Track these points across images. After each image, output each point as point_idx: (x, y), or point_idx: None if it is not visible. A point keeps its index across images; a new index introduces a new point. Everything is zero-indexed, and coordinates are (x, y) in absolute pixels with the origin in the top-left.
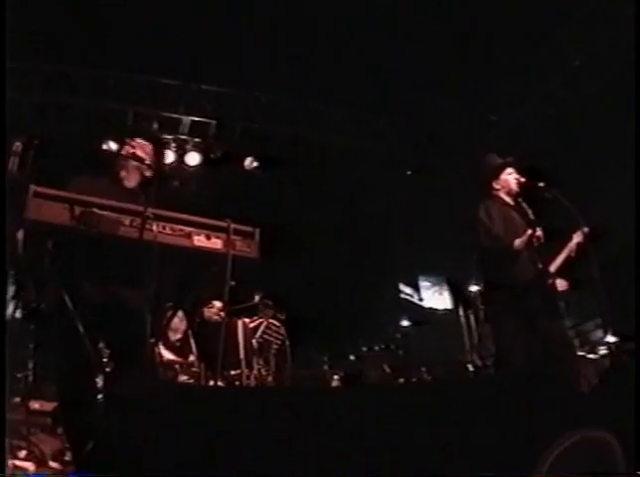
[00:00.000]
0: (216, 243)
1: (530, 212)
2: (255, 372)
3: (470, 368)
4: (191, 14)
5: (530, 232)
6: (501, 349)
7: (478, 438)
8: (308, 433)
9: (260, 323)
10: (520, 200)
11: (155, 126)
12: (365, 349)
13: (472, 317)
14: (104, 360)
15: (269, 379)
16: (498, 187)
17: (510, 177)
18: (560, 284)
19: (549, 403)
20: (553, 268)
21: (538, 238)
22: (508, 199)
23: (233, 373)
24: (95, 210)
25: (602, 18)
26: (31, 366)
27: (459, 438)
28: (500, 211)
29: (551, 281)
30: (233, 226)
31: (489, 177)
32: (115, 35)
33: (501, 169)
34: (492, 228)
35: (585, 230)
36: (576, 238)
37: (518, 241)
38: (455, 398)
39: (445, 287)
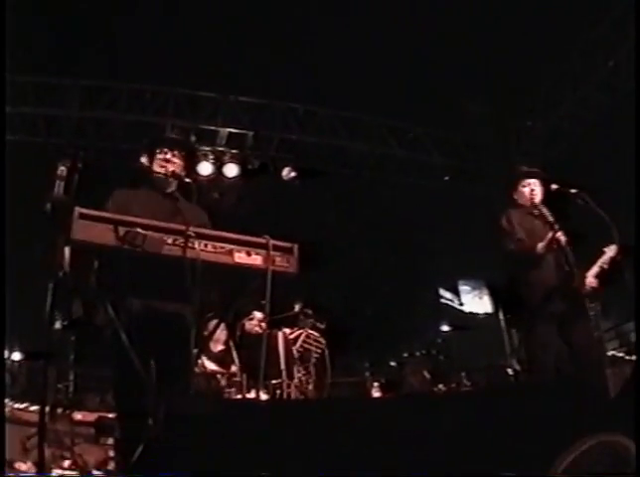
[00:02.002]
0: (256, 260)
1: (549, 215)
2: (296, 381)
3: (510, 372)
4: (227, 27)
5: (550, 235)
6: (531, 353)
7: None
8: (347, 444)
9: (300, 333)
10: (540, 208)
11: (193, 138)
12: (406, 355)
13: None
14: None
15: (310, 387)
16: (516, 197)
17: (525, 189)
18: (591, 284)
19: (575, 408)
20: (588, 278)
21: (557, 240)
22: (528, 207)
23: (274, 382)
24: (139, 230)
25: (632, 20)
26: (72, 377)
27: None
28: (522, 218)
29: (579, 283)
30: (272, 242)
31: (508, 187)
32: (152, 49)
33: (518, 180)
34: (514, 233)
35: (617, 246)
36: (609, 251)
37: (540, 245)
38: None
39: (485, 292)
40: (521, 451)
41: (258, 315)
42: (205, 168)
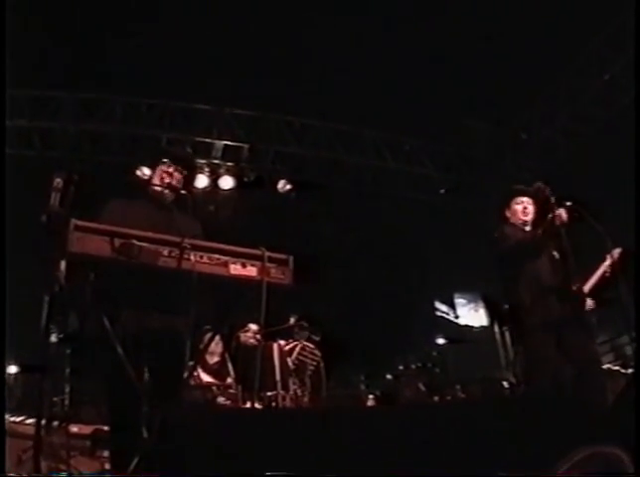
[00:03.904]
0: (251, 271)
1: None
2: (292, 393)
3: (505, 385)
4: (223, 41)
5: (550, 216)
6: (528, 366)
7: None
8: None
9: (296, 345)
10: (535, 223)
11: (188, 151)
12: (401, 367)
13: (508, 334)
14: (147, 384)
15: (305, 399)
16: (509, 215)
17: (518, 206)
18: (588, 304)
19: (568, 419)
20: (587, 288)
21: (560, 217)
22: (520, 224)
23: (269, 394)
24: (135, 241)
25: (630, 34)
26: (68, 390)
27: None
28: (513, 232)
29: (578, 292)
30: (267, 254)
31: (501, 206)
32: (148, 61)
33: (510, 198)
34: (505, 240)
35: (618, 251)
36: (610, 258)
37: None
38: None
39: (481, 304)
40: (513, 462)
41: (254, 327)
42: (200, 180)
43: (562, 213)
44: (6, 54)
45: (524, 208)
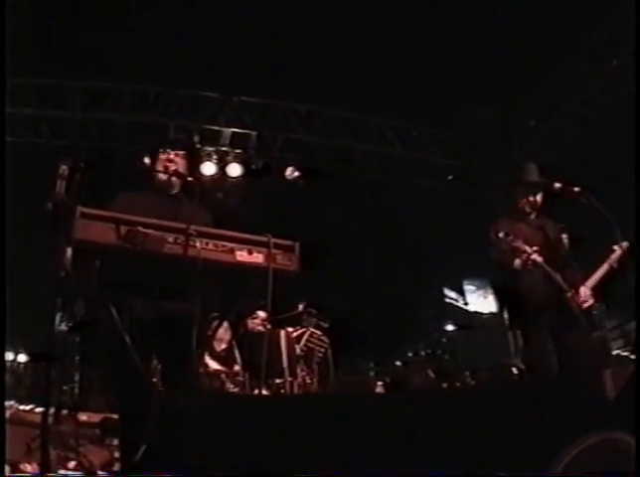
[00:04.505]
0: (257, 258)
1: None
2: (300, 380)
3: (515, 371)
4: (231, 28)
5: (524, 256)
6: (531, 354)
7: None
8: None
9: (304, 332)
10: (533, 217)
11: (196, 139)
12: (410, 354)
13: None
14: (155, 371)
15: (313, 386)
16: (511, 204)
17: (519, 196)
18: (586, 297)
19: (576, 406)
20: (591, 282)
21: (534, 261)
22: (525, 214)
23: (277, 381)
24: (140, 228)
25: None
26: (77, 378)
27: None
28: (511, 228)
29: (571, 294)
30: (273, 240)
31: (505, 194)
32: (155, 49)
33: (512, 186)
34: (499, 244)
35: (626, 244)
36: (618, 250)
37: (517, 261)
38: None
39: (490, 291)
40: (520, 448)
41: (262, 314)
42: (208, 168)
43: (537, 257)
44: (13, 43)
45: (526, 197)
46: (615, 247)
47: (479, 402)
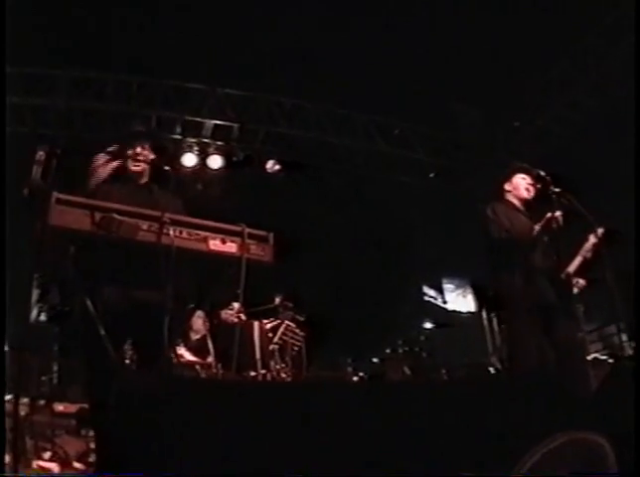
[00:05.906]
0: (231, 247)
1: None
2: (274, 372)
3: (491, 370)
4: (214, 19)
5: (549, 215)
6: (513, 350)
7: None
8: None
9: (279, 325)
10: (528, 205)
11: (178, 130)
12: (388, 351)
13: (495, 320)
14: (127, 361)
15: (287, 380)
16: (509, 189)
17: (522, 181)
18: (578, 284)
19: (549, 405)
20: (571, 268)
21: (556, 219)
22: (516, 202)
23: (252, 374)
24: (115, 215)
25: (626, 25)
26: (55, 368)
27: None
28: (507, 211)
29: (566, 278)
30: (247, 230)
31: (501, 179)
32: (138, 40)
33: (514, 172)
34: (500, 223)
35: (600, 231)
36: (592, 239)
37: (537, 226)
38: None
39: (469, 290)
40: (488, 447)
41: (237, 305)
42: (189, 159)
43: (560, 216)
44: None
45: (528, 184)
46: (589, 237)
47: (449, 399)
